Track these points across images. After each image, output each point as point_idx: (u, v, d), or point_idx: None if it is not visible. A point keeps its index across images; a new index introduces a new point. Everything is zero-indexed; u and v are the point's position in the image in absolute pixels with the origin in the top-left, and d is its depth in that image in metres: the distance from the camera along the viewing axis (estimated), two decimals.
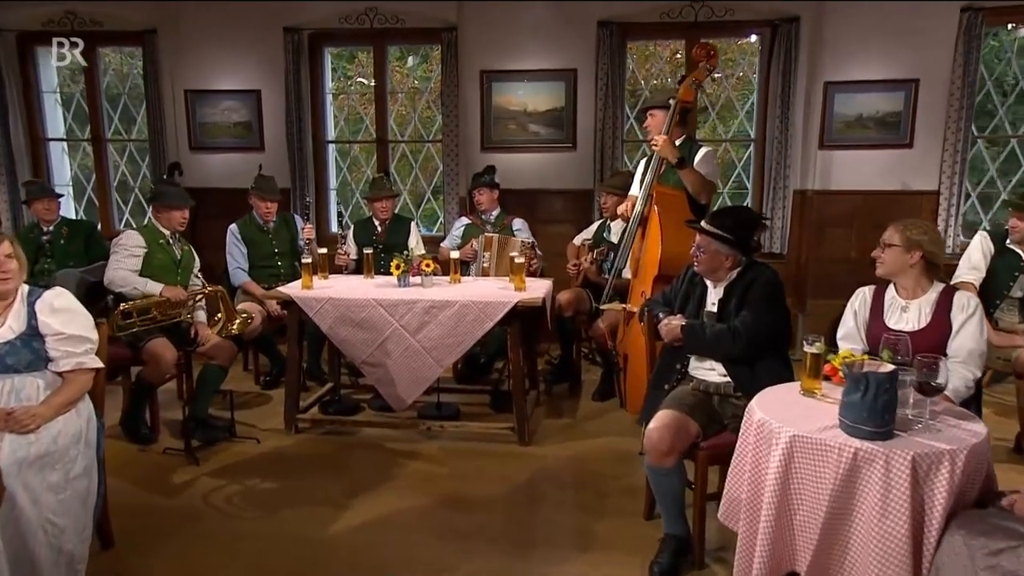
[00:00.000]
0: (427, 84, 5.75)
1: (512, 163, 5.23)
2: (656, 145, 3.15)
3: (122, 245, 3.55)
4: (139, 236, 3.59)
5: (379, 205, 4.64)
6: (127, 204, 6.07)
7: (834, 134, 4.85)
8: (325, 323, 3.46)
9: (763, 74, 5.00)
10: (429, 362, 3.42)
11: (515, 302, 3.32)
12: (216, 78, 5.53)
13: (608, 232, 4.26)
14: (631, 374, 3.18)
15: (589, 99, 5.16)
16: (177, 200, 3.68)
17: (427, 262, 3.66)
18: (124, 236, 3.59)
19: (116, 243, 3.57)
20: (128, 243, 3.56)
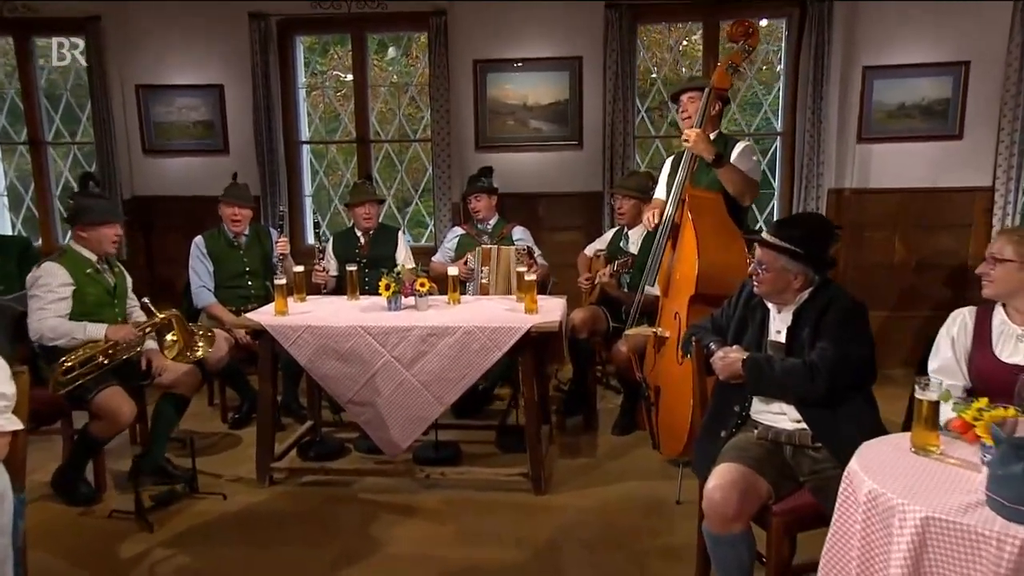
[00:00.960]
0: (412, 77, 5.44)
1: (511, 164, 4.93)
2: (688, 140, 2.86)
3: (43, 286, 3.02)
4: (61, 270, 3.06)
5: (362, 212, 4.32)
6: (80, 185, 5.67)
7: (873, 126, 4.60)
8: (304, 356, 3.13)
9: (791, 60, 4.73)
10: (427, 400, 3.10)
11: (528, 327, 3.01)
12: (172, 72, 5.18)
13: (626, 241, 3.97)
14: (665, 410, 2.88)
15: (596, 91, 4.87)
16: (107, 216, 3.22)
17: (422, 281, 3.34)
18: (43, 274, 3.04)
19: (34, 284, 3.04)
20: (50, 282, 3.03)
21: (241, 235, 4.17)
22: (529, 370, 3.11)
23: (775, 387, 2.03)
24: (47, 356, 3.05)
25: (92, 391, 2.97)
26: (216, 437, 3.91)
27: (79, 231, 3.18)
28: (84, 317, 3.10)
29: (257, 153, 5.12)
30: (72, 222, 3.21)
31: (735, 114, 5.14)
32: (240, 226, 4.11)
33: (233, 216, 4.07)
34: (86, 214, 3.17)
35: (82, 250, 3.19)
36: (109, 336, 3.04)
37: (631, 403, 3.88)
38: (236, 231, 4.11)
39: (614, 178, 4.86)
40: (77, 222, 3.18)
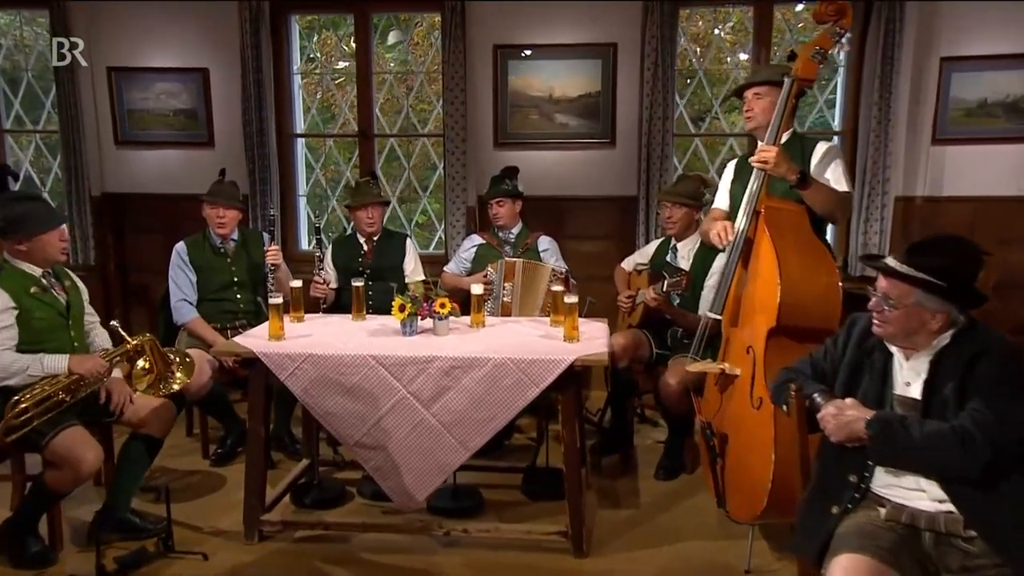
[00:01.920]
0: (419, 64, 5.11)
1: (533, 163, 4.60)
2: (766, 164, 2.51)
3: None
4: (1, 294, 2.66)
5: (364, 215, 3.99)
6: None
7: (949, 125, 4.29)
8: (303, 389, 2.78)
9: (855, 47, 4.41)
10: (449, 444, 2.76)
11: (572, 360, 2.68)
12: (149, 53, 4.84)
13: (674, 255, 3.64)
14: (736, 464, 2.55)
15: (632, 82, 4.56)
16: (50, 221, 2.80)
17: (442, 300, 3.01)
18: None
19: None
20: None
21: (228, 240, 3.83)
22: (571, 410, 2.78)
23: (912, 457, 1.70)
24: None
25: (47, 434, 2.61)
26: (196, 477, 3.56)
27: (15, 244, 2.76)
28: (33, 346, 2.72)
29: (246, 147, 4.79)
30: (7, 235, 2.74)
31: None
32: (226, 229, 3.77)
33: (218, 218, 3.73)
34: (22, 223, 2.73)
35: (22, 265, 2.78)
36: (73, 369, 2.68)
37: (677, 442, 3.57)
38: (222, 234, 3.77)
39: (651, 181, 4.55)
40: (11, 234, 2.74)
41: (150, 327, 5.03)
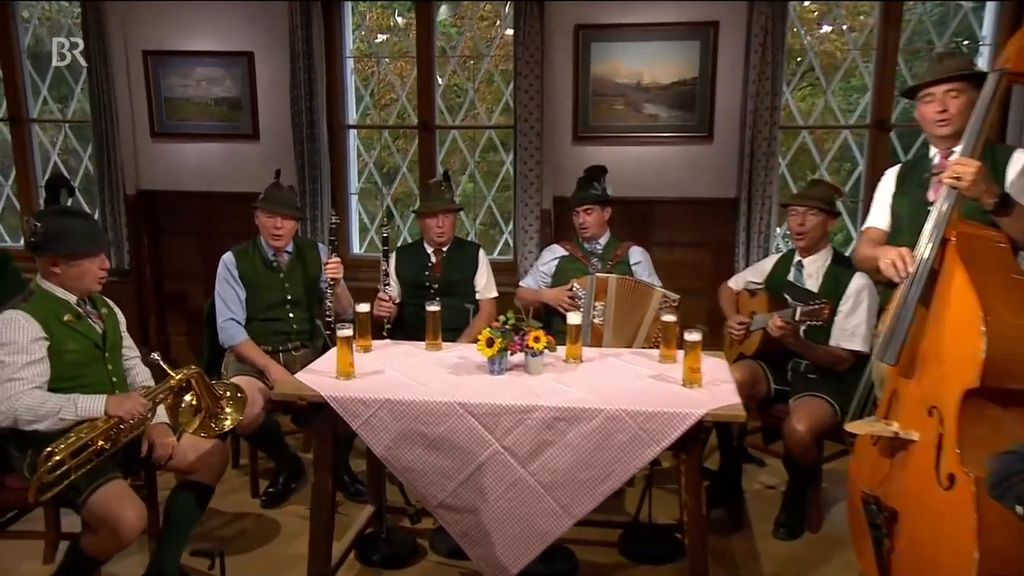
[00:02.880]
0: (488, 47, 4.78)
1: (617, 160, 4.25)
2: (962, 181, 2.10)
3: (5, 347, 2.37)
4: (30, 322, 2.40)
5: (434, 224, 3.70)
6: None
7: None
8: (380, 441, 2.50)
9: None
10: (550, 508, 2.46)
11: (701, 415, 2.35)
12: (188, 35, 4.61)
13: (799, 273, 3.28)
14: (914, 550, 2.18)
15: (735, 67, 4.19)
16: (91, 244, 2.55)
17: (537, 334, 2.69)
18: (3, 329, 2.37)
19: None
20: (16, 340, 2.37)
21: (282, 253, 3.56)
22: (694, 473, 2.46)
23: None
24: (18, 439, 2.46)
25: (85, 490, 2.37)
26: (246, 522, 3.33)
27: (51, 265, 2.52)
28: (65, 383, 2.48)
29: (295, 139, 4.53)
30: (40, 250, 2.49)
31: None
32: (282, 242, 3.50)
33: (275, 229, 3.46)
34: (63, 241, 2.48)
35: (55, 289, 2.54)
36: (110, 411, 2.43)
37: (800, 495, 3.22)
38: (277, 246, 3.51)
39: (753, 181, 4.18)
40: (49, 251, 2.49)
41: (189, 342, 4.83)
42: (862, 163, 4.44)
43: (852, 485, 2.53)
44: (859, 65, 4.36)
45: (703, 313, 4.13)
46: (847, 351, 3.11)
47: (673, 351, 2.86)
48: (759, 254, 4.22)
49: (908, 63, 4.31)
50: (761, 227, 4.22)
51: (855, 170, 4.49)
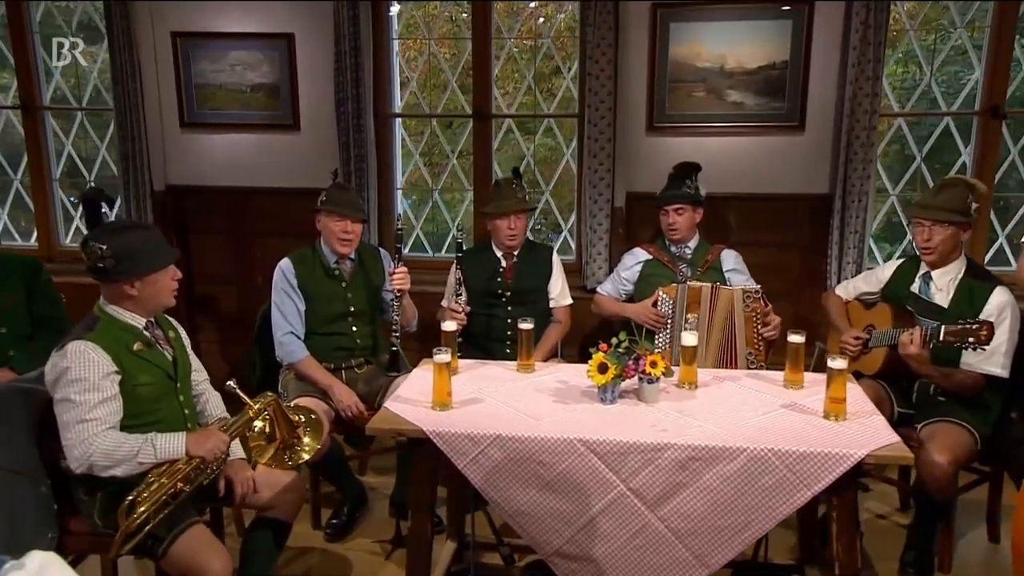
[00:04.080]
0: (549, 28, 4.57)
1: (697, 152, 4.05)
2: None
3: (75, 384, 2.20)
4: (100, 354, 2.25)
5: (506, 226, 3.54)
6: (77, 210, 4.96)
7: None
8: (488, 481, 2.34)
9: None
10: (682, 558, 2.31)
11: (862, 456, 2.18)
12: (223, 16, 4.41)
13: (926, 286, 3.09)
14: None
15: (831, 51, 3.99)
16: (164, 256, 2.41)
17: (654, 359, 2.52)
18: (71, 364, 2.21)
19: (59, 382, 2.23)
20: (88, 375, 2.21)
21: (345, 260, 3.39)
22: (849, 520, 2.29)
23: None
24: (88, 482, 2.29)
25: (165, 539, 2.22)
26: (312, 558, 3.18)
27: (127, 287, 2.36)
28: (136, 420, 2.32)
29: (339, 130, 4.34)
30: (111, 275, 2.33)
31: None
32: (350, 248, 3.33)
33: (344, 233, 3.29)
34: (134, 261, 2.32)
35: (122, 314, 2.38)
36: (192, 452, 2.27)
37: (929, 532, 3.05)
38: (343, 253, 3.33)
39: (849, 175, 3.99)
40: (122, 274, 2.33)
41: (221, 350, 4.67)
42: (965, 154, 4.24)
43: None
44: (965, 44, 4.16)
45: (790, 320, 3.94)
46: (982, 374, 2.93)
47: (800, 375, 2.70)
48: (854, 256, 4.05)
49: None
50: (856, 226, 4.04)
51: (955, 162, 4.28)
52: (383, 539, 3.26)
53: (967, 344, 2.66)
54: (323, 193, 3.32)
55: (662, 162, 4.03)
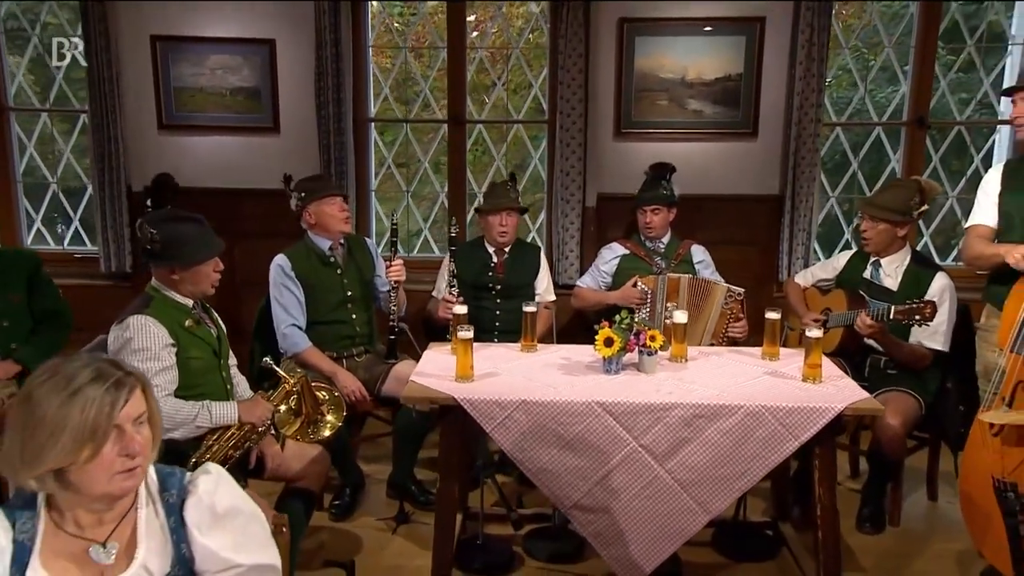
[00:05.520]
0: (518, 37, 4.89)
1: (661, 156, 4.37)
2: None
3: (139, 353, 2.42)
4: (159, 328, 2.47)
5: (498, 222, 3.82)
6: (38, 211, 4.99)
7: None
8: (514, 443, 2.61)
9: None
10: (687, 506, 2.62)
11: (841, 408, 2.55)
12: (204, 20, 4.54)
13: (875, 272, 3.52)
14: None
15: (780, 63, 4.44)
16: (208, 250, 2.64)
17: (653, 333, 2.85)
18: (134, 335, 2.43)
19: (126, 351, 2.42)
20: (150, 345, 2.42)
21: (338, 246, 3.60)
22: (829, 467, 2.65)
23: None
24: None
25: None
26: (322, 534, 3.35)
27: (169, 272, 2.57)
28: (187, 391, 2.52)
29: (320, 133, 4.54)
30: (158, 259, 2.56)
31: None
32: (350, 225, 3.60)
33: (343, 212, 3.54)
34: (180, 250, 2.54)
35: (173, 295, 2.59)
36: (244, 418, 2.47)
37: (881, 489, 3.46)
38: (345, 231, 3.56)
39: (798, 178, 4.43)
40: (167, 260, 2.55)
41: None
42: (895, 160, 4.75)
43: (971, 474, 2.76)
44: (892, 62, 4.67)
45: (751, 309, 4.33)
46: (929, 349, 3.36)
47: (776, 349, 3.06)
48: (802, 252, 4.48)
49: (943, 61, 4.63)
50: (804, 224, 4.48)
51: (886, 168, 4.79)
52: (386, 517, 3.46)
53: (914, 321, 3.07)
54: (297, 190, 3.53)
55: (629, 165, 4.40)
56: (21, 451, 1.26)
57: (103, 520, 1.38)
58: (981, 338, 3.08)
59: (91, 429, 1.26)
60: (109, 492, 1.32)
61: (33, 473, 1.27)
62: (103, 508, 1.37)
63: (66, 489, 1.31)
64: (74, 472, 1.28)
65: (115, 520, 1.38)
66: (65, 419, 1.25)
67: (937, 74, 4.62)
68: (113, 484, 1.31)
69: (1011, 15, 4.60)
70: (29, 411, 1.27)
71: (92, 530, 1.37)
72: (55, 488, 1.31)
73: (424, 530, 3.34)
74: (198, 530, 1.42)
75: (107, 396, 1.29)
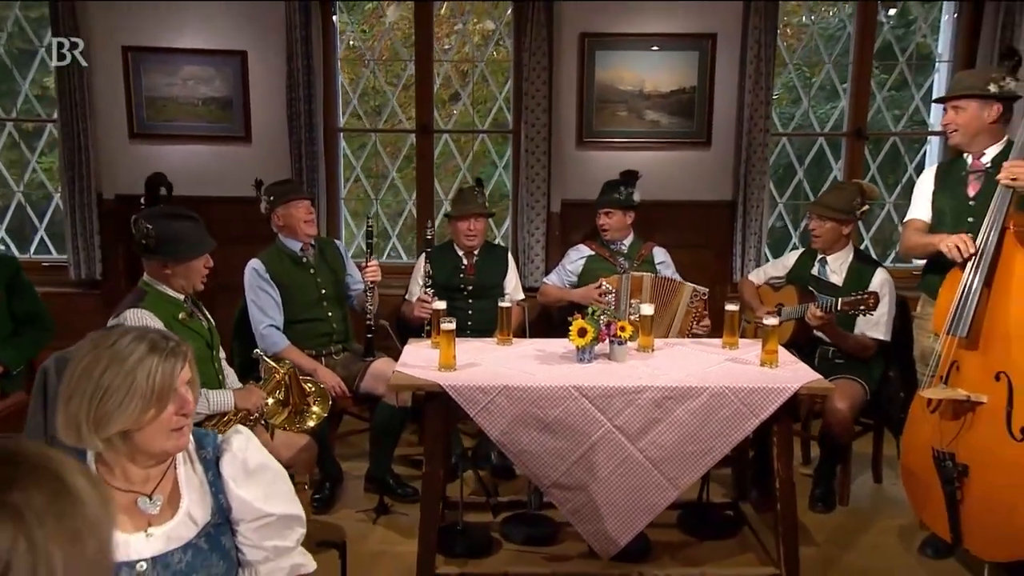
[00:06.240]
0: (483, 50, 5.09)
1: (620, 164, 4.63)
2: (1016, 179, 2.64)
3: None
4: (155, 321, 2.58)
5: (466, 227, 4.00)
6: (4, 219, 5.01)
7: None
8: (497, 426, 2.77)
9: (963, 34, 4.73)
10: (658, 482, 2.81)
11: (796, 388, 2.78)
12: (176, 33, 4.64)
13: (822, 269, 3.79)
14: (989, 499, 2.67)
15: (731, 77, 4.71)
16: (201, 247, 2.80)
17: (623, 324, 3.05)
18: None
19: None
20: None
21: (309, 247, 3.74)
22: (786, 442, 2.88)
23: None
24: None
25: None
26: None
27: (162, 267, 2.71)
28: None
29: (291, 142, 4.67)
30: (152, 254, 2.70)
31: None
32: (315, 227, 3.73)
33: (309, 215, 3.69)
34: (174, 246, 2.70)
35: (166, 289, 2.73)
36: (239, 405, 2.59)
37: (831, 470, 3.71)
38: (311, 234, 3.70)
39: (749, 185, 4.71)
40: (160, 255, 2.70)
41: None
42: (836, 169, 5.07)
43: (912, 449, 3.02)
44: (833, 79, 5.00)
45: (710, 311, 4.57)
46: (872, 339, 3.63)
47: (736, 339, 3.29)
48: (754, 254, 4.75)
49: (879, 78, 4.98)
50: (755, 228, 4.76)
51: (828, 176, 5.11)
52: (366, 509, 3.58)
53: (859, 311, 3.33)
54: (267, 194, 3.67)
55: (591, 173, 4.63)
56: (88, 418, 1.39)
57: (150, 475, 1.51)
58: (918, 326, 3.36)
59: (157, 393, 1.41)
60: (166, 449, 1.47)
61: (103, 436, 1.40)
62: (153, 464, 1.50)
63: (129, 447, 1.44)
64: (138, 432, 1.42)
65: (159, 475, 1.52)
66: (133, 386, 1.39)
67: (873, 90, 4.96)
68: (170, 441, 1.45)
69: (937, 36, 4.97)
70: (91, 382, 1.39)
71: (140, 484, 1.50)
72: (121, 447, 1.44)
73: (404, 520, 3.49)
74: (233, 482, 1.56)
75: (167, 363, 1.43)
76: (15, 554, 0.60)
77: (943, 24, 4.93)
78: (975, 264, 2.74)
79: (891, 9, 4.91)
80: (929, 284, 3.18)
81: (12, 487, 0.62)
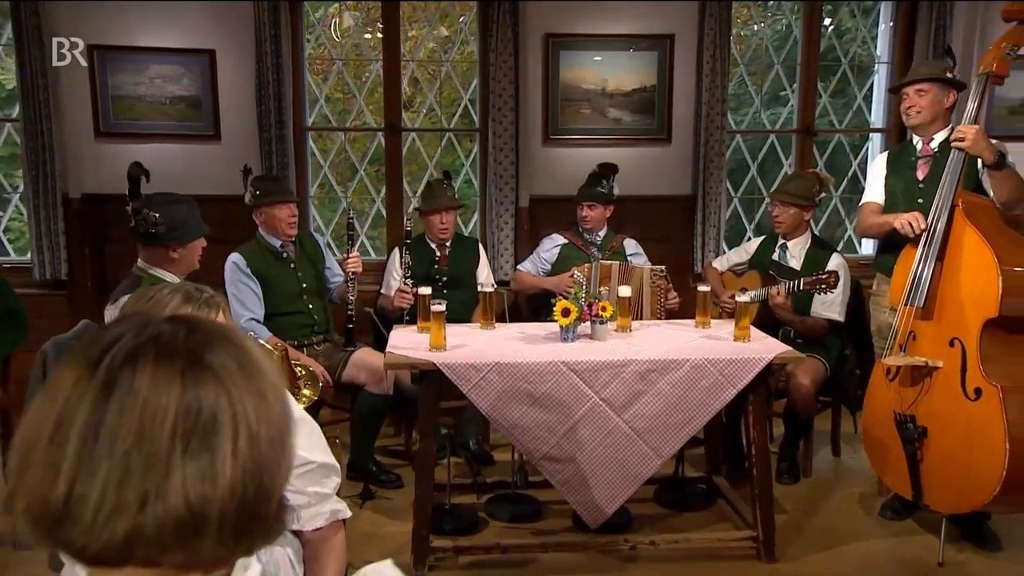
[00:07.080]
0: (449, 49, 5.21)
1: (585, 160, 4.81)
2: (964, 141, 2.90)
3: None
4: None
5: (437, 220, 4.10)
6: None
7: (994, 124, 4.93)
8: (488, 401, 2.88)
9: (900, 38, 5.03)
10: (643, 452, 2.96)
11: (770, 358, 2.96)
12: (142, 30, 4.64)
13: (783, 254, 4.00)
14: (946, 456, 2.86)
15: (688, 76, 4.92)
16: (201, 227, 2.92)
17: (604, 304, 3.19)
18: None
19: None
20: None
21: (289, 243, 3.80)
22: (761, 410, 3.06)
23: None
24: None
25: None
26: None
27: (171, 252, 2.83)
28: None
29: (261, 141, 4.70)
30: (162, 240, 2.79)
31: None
32: (295, 229, 3.78)
33: (292, 218, 3.75)
34: (182, 229, 2.81)
35: (163, 275, 2.80)
36: None
37: (796, 446, 3.92)
38: (291, 235, 3.76)
39: (707, 179, 4.92)
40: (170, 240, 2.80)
41: None
42: (787, 165, 5.32)
43: (873, 415, 3.23)
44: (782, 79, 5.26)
45: None
46: (826, 320, 3.85)
47: (708, 318, 3.46)
48: (713, 246, 4.96)
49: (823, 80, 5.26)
50: (714, 221, 4.97)
51: (779, 172, 5.36)
52: (351, 495, 3.64)
53: (820, 289, 3.54)
54: (252, 188, 3.73)
55: (558, 169, 4.78)
56: None
57: None
58: (874, 303, 3.59)
59: None
60: None
61: None
62: None
63: None
64: None
65: None
66: None
67: (820, 90, 5.23)
68: None
69: (875, 38, 5.28)
70: None
71: None
72: None
73: (389, 504, 3.57)
74: None
75: (203, 311, 1.51)
76: (219, 409, 0.69)
77: (880, 32, 5.24)
78: (927, 240, 2.97)
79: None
80: (883, 263, 3.41)
81: (210, 350, 0.71)
